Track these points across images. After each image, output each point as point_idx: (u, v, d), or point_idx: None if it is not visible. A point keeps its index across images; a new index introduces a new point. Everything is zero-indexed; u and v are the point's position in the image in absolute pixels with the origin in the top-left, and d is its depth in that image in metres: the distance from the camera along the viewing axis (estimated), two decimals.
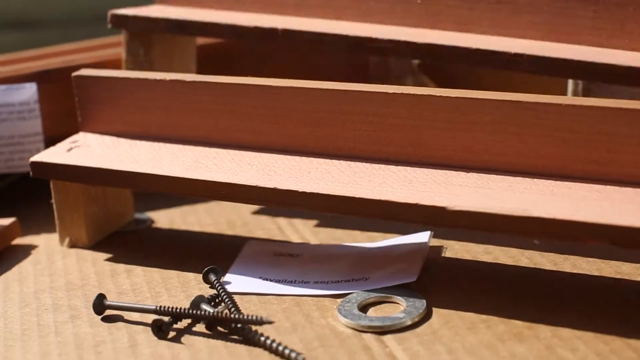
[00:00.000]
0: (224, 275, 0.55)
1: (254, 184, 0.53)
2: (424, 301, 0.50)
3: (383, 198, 0.50)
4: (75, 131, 0.64)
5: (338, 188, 0.51)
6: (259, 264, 0.57)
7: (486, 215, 0.47)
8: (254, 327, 0.48)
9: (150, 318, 0.50)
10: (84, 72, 0.64)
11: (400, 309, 0.50)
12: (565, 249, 0.55)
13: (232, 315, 0.48)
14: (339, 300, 0.51)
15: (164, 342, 0.49)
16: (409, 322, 0.48)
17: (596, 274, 0.53)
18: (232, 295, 0.52)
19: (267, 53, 0.74)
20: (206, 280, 0.54)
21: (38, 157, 0.61)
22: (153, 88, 0.61)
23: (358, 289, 0.52)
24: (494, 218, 0.47)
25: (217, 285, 0.53)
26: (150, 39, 0.68)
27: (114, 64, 0.69)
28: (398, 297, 0.51)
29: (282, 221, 0.64)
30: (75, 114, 0.64)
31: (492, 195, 0.49)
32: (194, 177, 0.55)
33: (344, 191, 0.51)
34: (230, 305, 0.50)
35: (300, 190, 0.52)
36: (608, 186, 0.49)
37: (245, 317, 0.48)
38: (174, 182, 0.56)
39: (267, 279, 0.55)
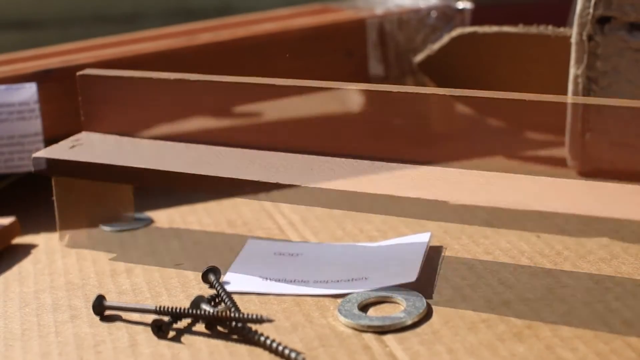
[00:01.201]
0: (223, 275, 0.55)
1: (257, 179, 0.53)
2: (424, 301, 0.50)
3: (385, 193, 0.50)
4: (75, 131, 0.64)
5: (340, 184, 0.51)
6: (259, 264, 0.57)
7: (488, 210, 0.47)
8: (253, 327, 0.48)
9: (150, 318, 0.50)
10: (89, 71, 0.63)
11: (400, 308, 0.50)
12: (566, 248, 0.55)
13: (232, 314, 0.48)
14: (339, 300, 0.51)
15: (164, 342, 0.49)
16: (409, 322, 0.48)
17: (596, 273, 0.52)
18: (232, 295, 0.52)
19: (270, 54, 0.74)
20: (205, 280, 0.54)
21: (40, 153, 0.60)
22: (157, 87, 0.61)
23: (358, 289, 0.52)
24: (495, 212, 0.47)
25: (216, 285, 0.53)
26: None
27: (114, 64, 0.69)
28: (398, 297, 0.51)
29: (282, 221, 0.64)
30: (75, 114, 0.64)
31: (494, 190, 0.49)
32: (197, 173, 0.55)
33: (347, 186, 0.51)
34: (230, 305, 0.50)
35: (303, 186, 0.52)
36: (608, 183, 0.49)
37: (246, 315, 0.48)
38: (177, 178, 0.56)
39: (267, 279, 0.55)
